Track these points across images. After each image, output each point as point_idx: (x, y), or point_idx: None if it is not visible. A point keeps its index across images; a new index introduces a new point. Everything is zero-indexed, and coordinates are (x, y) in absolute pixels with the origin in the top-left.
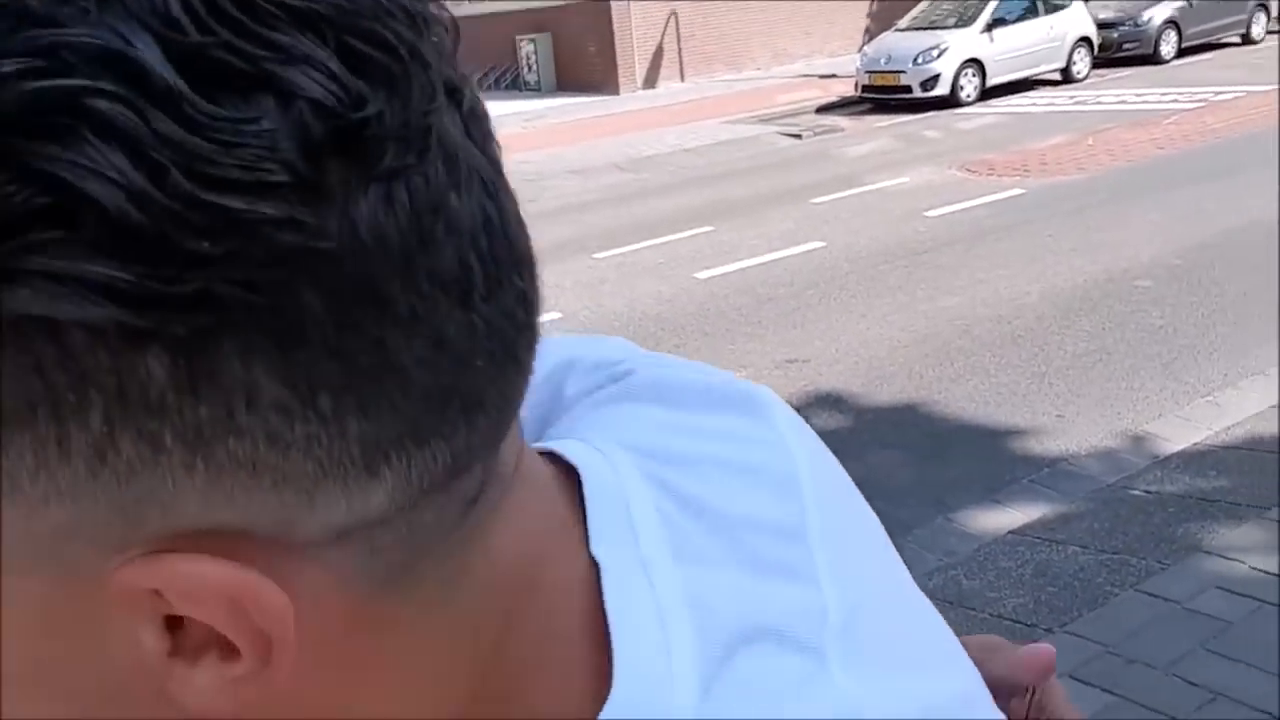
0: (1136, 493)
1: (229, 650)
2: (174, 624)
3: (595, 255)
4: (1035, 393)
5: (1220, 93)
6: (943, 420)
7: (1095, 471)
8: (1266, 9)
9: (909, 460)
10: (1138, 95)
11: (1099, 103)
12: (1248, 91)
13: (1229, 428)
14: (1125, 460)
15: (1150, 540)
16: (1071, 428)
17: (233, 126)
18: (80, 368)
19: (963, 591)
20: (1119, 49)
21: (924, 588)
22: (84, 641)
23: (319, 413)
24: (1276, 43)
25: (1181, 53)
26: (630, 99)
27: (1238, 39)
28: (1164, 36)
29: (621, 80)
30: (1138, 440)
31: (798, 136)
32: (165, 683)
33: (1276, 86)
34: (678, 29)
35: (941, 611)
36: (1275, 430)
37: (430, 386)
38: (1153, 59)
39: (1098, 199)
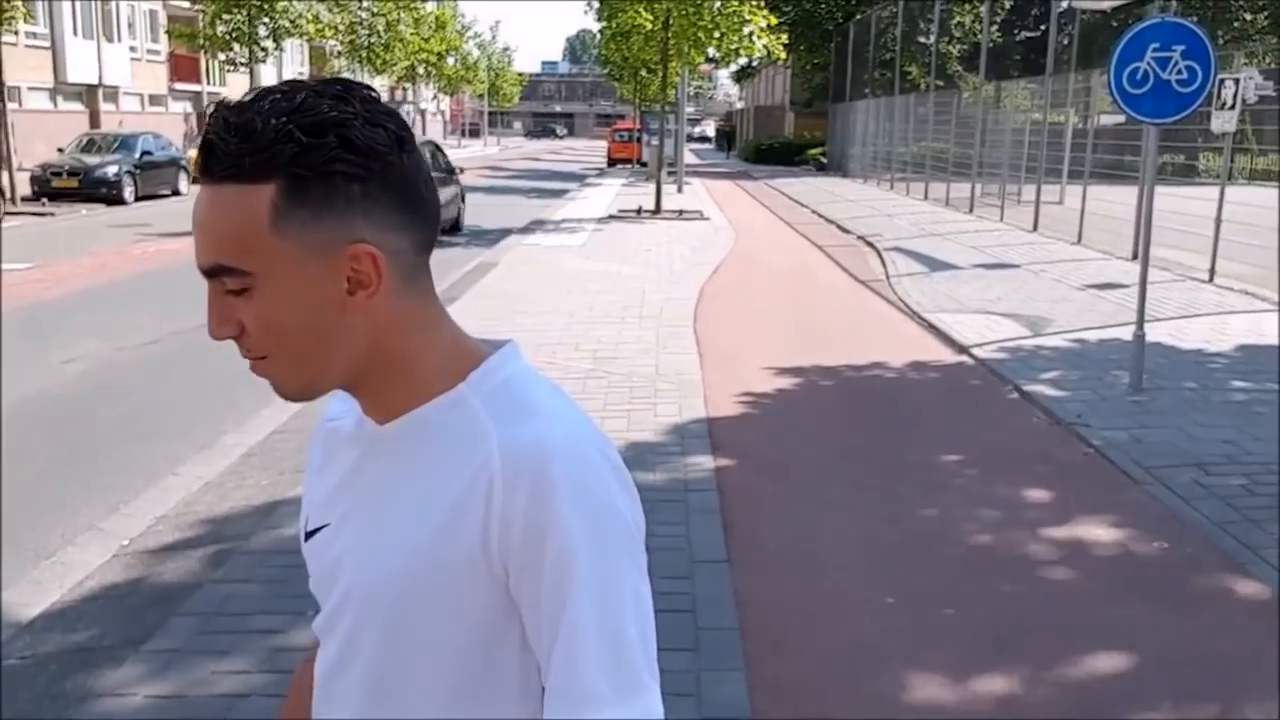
0: (12, 662)
1: (365, 286)
2: (350, 280)
3: None
4: None
5: None
6: None
7: None
8: (1, 191)
9: None
10: None
11: None
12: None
13: (80, 582)
14: None
15: (42, 702)
16: None
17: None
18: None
19: None
20: None
21: None
22: (325, 288)
23: (392, 222)
24: (19, 223)
25: None
26: None
27: None
28: None
29: None
30: None
31: None
32: (345, 304)
33: (29, 266)
34: None
35: None
36: (124, 575)
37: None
38: None
39: None
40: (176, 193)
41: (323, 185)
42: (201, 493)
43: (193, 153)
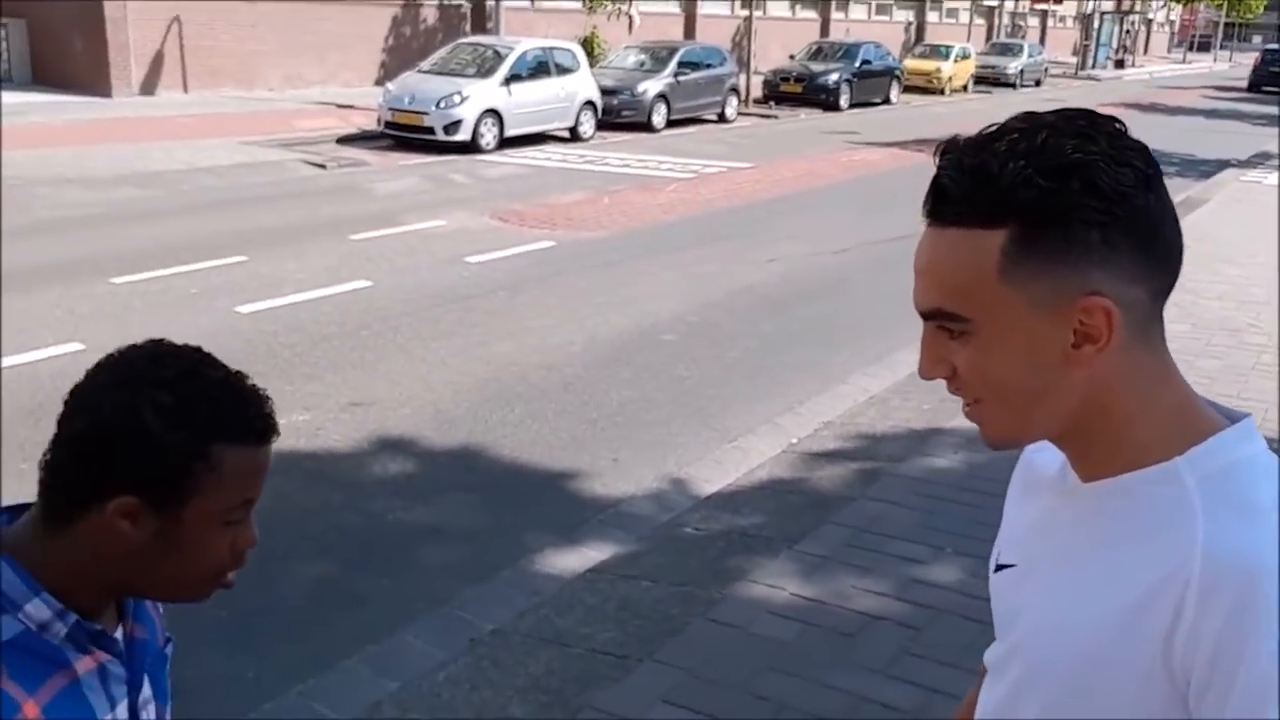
0: (689, 530)
1: (1093, 340)
2: (1077, 333)
3: (114, 280)
4: (590, 438)
5: (708, 166)
6: (513, 464)
7: (650, 511)
8: (738, 92)
9: (485, 503)
10: (639, 160)
11: (606, 164)
12: (729, 167)
13: (753, 470)
14: (674, 500)
15: (707, 573)
16: (626, 470)
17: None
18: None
19: (557, 629)
20: (619, 115)
21: (517, 628)
22: (1048, 339)
23: (1131, 271)
24: (749, 123)
25: (670, 124)
26: (125, 104)
27: (715, 116)
28: (656, 108)
29: (115, 82)
30: (681, 482)
31: (322, 166)
32: (1068, 357)
33: (751, 165)
34: (181, 36)
35: (539, 650)
36: (789, 472)
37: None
38: (647, 126)
39: (619, 255)
40: (887, 101)
41: (1059, 232)
42: (865, 405)
43: (909, 62)
